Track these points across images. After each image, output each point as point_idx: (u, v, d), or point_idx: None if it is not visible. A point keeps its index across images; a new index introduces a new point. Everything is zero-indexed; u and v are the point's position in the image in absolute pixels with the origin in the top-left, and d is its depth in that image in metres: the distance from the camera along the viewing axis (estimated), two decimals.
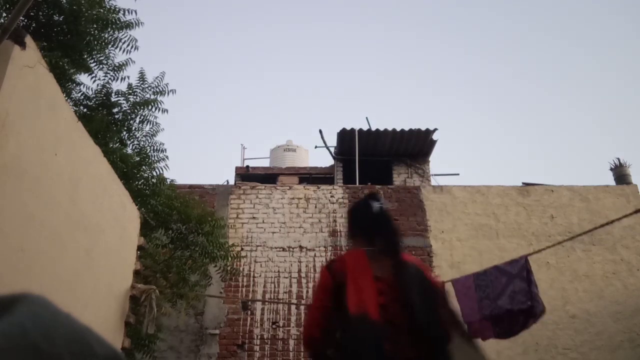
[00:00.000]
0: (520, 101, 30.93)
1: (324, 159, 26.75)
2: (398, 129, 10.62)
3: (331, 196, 9.92)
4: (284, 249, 9.38)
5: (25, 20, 5.01)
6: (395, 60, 31.91)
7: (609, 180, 10.74)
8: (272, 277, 9.14)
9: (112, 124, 5.86)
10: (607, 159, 18.67)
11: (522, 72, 31.25)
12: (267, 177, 11.65)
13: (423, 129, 10.65)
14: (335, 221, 9.65)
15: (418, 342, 1.89)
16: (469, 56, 31.44)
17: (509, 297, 4.34)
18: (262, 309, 8.89)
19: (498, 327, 4.51)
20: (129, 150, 6.16)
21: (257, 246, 9.40)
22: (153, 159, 6.34)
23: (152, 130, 6.34)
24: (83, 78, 6.66)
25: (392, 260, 2.09)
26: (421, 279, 2.09)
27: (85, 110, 5.85)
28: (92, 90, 5.93)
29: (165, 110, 6.26)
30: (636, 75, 30.58)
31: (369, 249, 2.14)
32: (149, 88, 6.22)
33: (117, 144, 5.87)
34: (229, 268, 7.35)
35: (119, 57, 5.90)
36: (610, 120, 31.93)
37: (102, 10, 5.40)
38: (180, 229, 6.67)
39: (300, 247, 9.40)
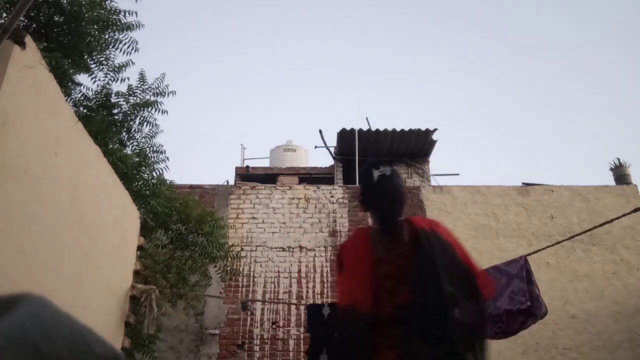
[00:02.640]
0: (520, 101, 30.94)
1: (324, 159, 26.74)
2: (398, 129, 10.62)
3: (331, 196, 9.92)
4: (283, 249, 9.38)
5: (26, 21, 5.01)
6: (395, 60, 31.91)
7: (609, 180, 10.75)
8: (272, 277, 9.14)
9: (111, 125, 5.86)
10: (607, 159, 18.68)
11: (521, 72, 31.26)
12: (267, 177, 11.65)
13: (423, 129, 10.65)
14: (335, 221, 9.65)
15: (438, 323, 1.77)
16: (469, 56, 31.46)
17: (508, 297, 4.34)
18: (262, 309, 8.89)
19: (496, 326, 4.51)
20: (129, 151, 6.16)
21: (257, 246, 9.41)
22: (152, 160, 6.35)
23: (151, 131, 6.35)
24: (83, 79, 6.67)
25: (393, 237, 1.93)
26: (433, 248, 1.88)
27: (85, 111, 5.85)
28: (92, 91, 5.94)
29: (165, 112, 6.27)
30: (636, 75, 30.59)
31: (373, 227, 2.01)
32: (149, 89, 6.22)
33: (117, 145, 5.88)
34: (228, 268, 7.35)
35: (119, 58, 5.91)
36: (610, 120, 31.94)
37: (102, 12, 5.40)
38: (180, 229, 6.67)
39: (300, 247, 9.40)
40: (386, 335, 1.79)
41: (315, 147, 11.84)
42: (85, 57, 5.55)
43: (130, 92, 6.15)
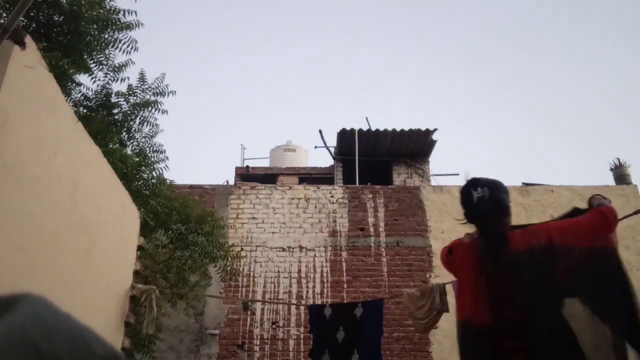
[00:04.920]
0: (520, 101, 30.96)
1: (324, 159, 26.75)
2: (398, 129, 10.62)
3: (331, 196, 9.92)
4: (283, 249, 9.38)
5: (25, 21, 5.01)
6: (395, 60, 31.92)
7: (609, 180, 10.74)
8: (272, 277, 9.14)
9: (111, 125, 5.86)
10: (607, 159, 18.69)
11: (521, 72, 31.27)
12: (267, 177, 11.65)
13: (423, 129, 10.65)
14: (335, 221, 9.65)
15: (522, 338, 1.78)
16: (469, 56, 31.46)
17: None
18: (262, 309, 8.89)
19: None
20: (129, 151, 6.16)
21: (257, 246, 9.40)
22: (152, 159, 6.34)
23: (151, 131, 6.34)
24: (83, 79, 6.66)
25: (496, 254, 1.94)
26: (540, 266, 1.85)
27: (85, 111, 5.85)
28: (92, 91, 5.94)
29: (165, 111, 6.27)
30: (636, 74, 30.60)
31: (480, 241, 2.02)
32: (149, 89, 6.22)
33: (117, 145, 5.87)
34: (228, 268, 7.35)
35: (119, 57, 5.91)
36: (611, 121, 31.95)
37: (102, 11, 5.40)
38: (180, 229, 6.66)
39: (300, 247, 9.40)
40: (502, 350, 1.82)
41: (315, 147, 11.85)
42: (85, 56, 5.54)
43: (130, 92, 6.14)
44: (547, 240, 1.89)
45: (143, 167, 6.20)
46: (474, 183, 2.06)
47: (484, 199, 1.99)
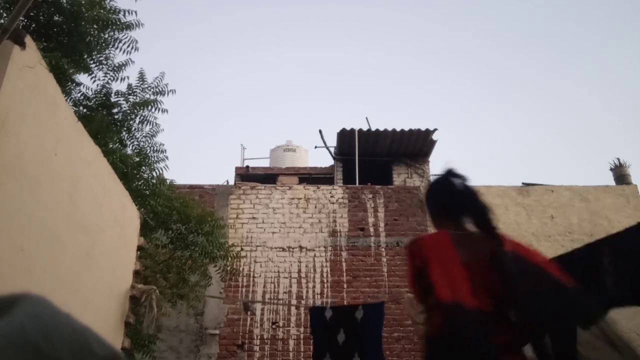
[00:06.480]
0: (520, 101, 30.96)
1: (323, 159, 26.75)
2: (398, 129, 10.61)
3: (331, 196, 9.92)
4: (283, 249, 9.38)
5: (26, 21, 5.01)
6: (395, 59, 31.93)
7: (609, 180, 10.74)
8: (272, 277, 9.14)
9: (111, 125, 5.85)
10: (607, 159, 18.68)
11: (521, 72, 31.27)
12: (267, 177, 11.64)
13: (423, 129, 10.65)
14: (335, 221, 9.65)
15: (510, 330, 1.79)
16: (469, 57, 31.47)
17: None
18: (262, 309, 8.90)
19: None
20: (129, 151, 6.15)
21: (257, 246, 9.40)
22: (153, 159, 6.33)
23: (151, 130, 6.34)
24: (83, 78, 6.66)
25: (489, 240, 1.92)
26: (522, 263, 1.90)
27: (85, 110, 5.85)
28: (92, 90, 5.93)
29: (165, 111, 6.26)
30: (636, 75, 30.60)
31: (453, 232, 1.98)
32: (149, 88, 6.21)
33: (117, 145, 5.87)
34: (228, 268, 7.35)
35: (118, 57, 5.91)
36: (611, 121, 31.96)
37: (102, 11, 5.40)
38: (180, 229, 6.66)
39: (300, 247, 9.40)
40: (494, 342, 1.80)
41: (315, 147, 11.84)
42: (85, 56, 5.54)
43: (130, 91, 6.14)
44: (522, 254, 1.98)
45: (143, 167, 6.20)
46: (453, 173, 2.01)
47: (467, 186, 1.97)
